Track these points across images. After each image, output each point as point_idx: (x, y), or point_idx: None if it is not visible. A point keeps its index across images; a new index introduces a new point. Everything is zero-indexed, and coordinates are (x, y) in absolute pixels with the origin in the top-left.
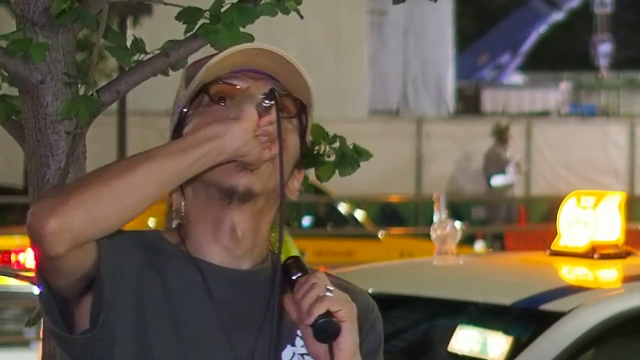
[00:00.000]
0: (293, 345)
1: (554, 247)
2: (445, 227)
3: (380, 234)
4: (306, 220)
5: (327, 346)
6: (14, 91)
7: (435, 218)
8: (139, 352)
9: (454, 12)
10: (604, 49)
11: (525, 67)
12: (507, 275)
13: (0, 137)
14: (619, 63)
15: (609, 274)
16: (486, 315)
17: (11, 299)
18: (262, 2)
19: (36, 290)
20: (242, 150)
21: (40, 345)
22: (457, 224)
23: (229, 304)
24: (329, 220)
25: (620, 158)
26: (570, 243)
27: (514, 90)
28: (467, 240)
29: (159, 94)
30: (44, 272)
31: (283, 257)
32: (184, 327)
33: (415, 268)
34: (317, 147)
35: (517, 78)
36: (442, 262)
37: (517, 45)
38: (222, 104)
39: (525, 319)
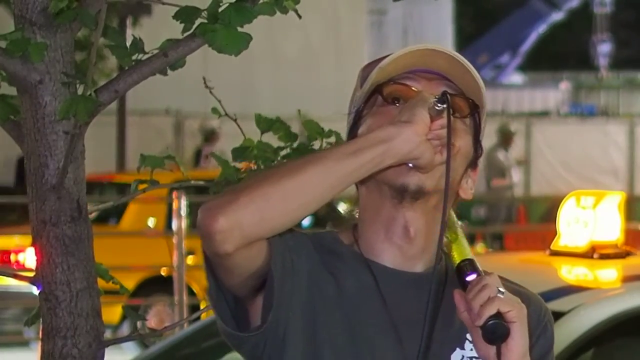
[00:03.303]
0: (462, 348)
1: (553, 247)
2: None
3: None
4: (306, 220)
5: (496, 348)
6: (12, 91)
7: None
8: (309, 351)
9: (454, 12)
10: (604, 48)
11: (524, 67)
12: (507, 275)
13: None
14: (618, 63)
15: (609, 273)
16: None
17: (11, 299)
18: (260, 1)
19: (35, 290)
20: (414, 154)
21: (39, 345)
22: None
23: (400, 307)
24: (329, 220)
25: (619, 158)
26: (569, 243)
27: (513, 90)
28: (467, 240)
29: (158, 93)
30: (213, 270)
31: (458, 260)
32: (356, 328)
33: None
34: (313, 143)
35: (516, 78)
36: None
37: (516, 45)
38: (396, 104)
39: None
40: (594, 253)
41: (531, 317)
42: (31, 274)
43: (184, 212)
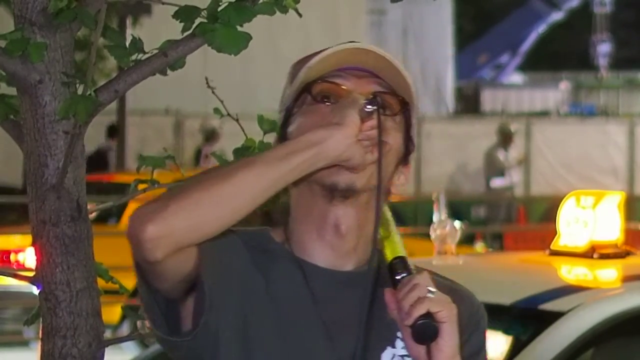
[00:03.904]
0: (393, 346)
1: (553, 246)
2: (445, 227)
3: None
4: None
5: (426, 347)
6: (12, 91)
7: (435, 218)
8: (241, 353)
9: (454, 12)
10: (604, 48)
11: (524, 67)
12: (507, 275)
13: None
14: (618, 63)
15: (609, 273)
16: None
17: (11, 299)
18: (260, 1)
19: (35, 290)
20: (344, 155)
21: (39, 344)
22: (457, 223)
23: (331, 306)
24: None
25: (619, 158)
26: (569, 243)
27: (513, 90)
28: (467, 240)
29: (158, 93)
30: (144, 276)
31: (390, 257)
32: (287, 328)
33: None
34: None
35: (516, 78)
36: (442, 262)
37: (516, 45)
38: (326, 102)
39: (524, 319)
40: (593, 253)
41: (463, 314)
42: (31, 274)
43: None
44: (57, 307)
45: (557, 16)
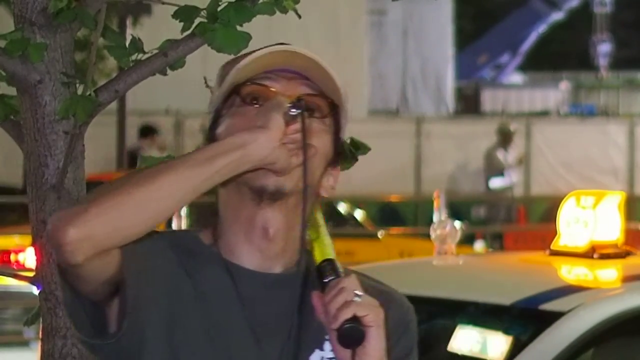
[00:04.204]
0: (321, 349)
1: (553, 246)
2: (445, 227)
3: (380, 233)
4: None
5: (352, 351)
6: (12, 91)
7: (435, 218)
8: (167, 355)
9: (454, 12)
10: (604, 48)
11: (524, 67)
12: (507, 275)
13: None
14: (618, 63)
15: (609, 273)
16: (486, 315)
17: (11, 299)
18: (260, 1)
19: (35, 290)
20: (269, 159)
21: (39, 345)
22: (457, 223)
23: (259, 308)
24: (329, 220)
25: (619, 158)
26: (569, 243)
27: (513, 90)
28: (467, 240)
29: (158, 93)
30: (66, 278)
31: (319, 260)
32: (214, 330)
33: (415, 268)
34: None
35: (516, 78)
36: (442, 261)
37: (516, 45)
38: (255, 104)
39: (524, 319)
40: (594, 253)
41: (392, 317)
42: (31, 274)
43: (183, 212)
44: (57, 307)
45: (557, 16)
